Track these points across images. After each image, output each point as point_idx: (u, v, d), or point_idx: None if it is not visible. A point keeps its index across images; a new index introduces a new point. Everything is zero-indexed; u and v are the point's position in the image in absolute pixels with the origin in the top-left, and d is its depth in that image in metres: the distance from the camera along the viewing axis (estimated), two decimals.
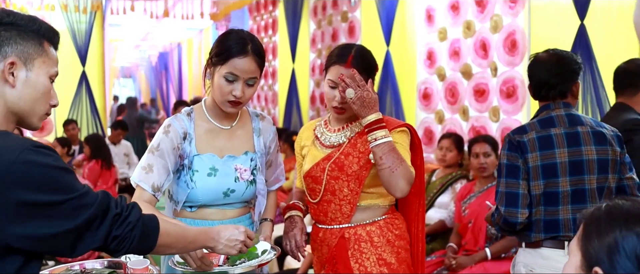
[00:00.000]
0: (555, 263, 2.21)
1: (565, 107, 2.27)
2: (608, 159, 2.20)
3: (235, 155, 1.99)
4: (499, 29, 3.98)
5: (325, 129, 2.16)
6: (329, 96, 2.05)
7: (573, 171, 2.20)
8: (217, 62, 1.89)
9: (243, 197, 2.01)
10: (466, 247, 3.55)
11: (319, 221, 2.13)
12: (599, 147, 2.20)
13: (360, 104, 1.94)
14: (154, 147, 1.90)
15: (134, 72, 20.37)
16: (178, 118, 1.96)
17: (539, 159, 2.22)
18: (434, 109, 4.65)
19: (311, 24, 6.73)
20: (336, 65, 2.01)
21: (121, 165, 6.84)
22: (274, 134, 2.13)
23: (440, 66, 4.54)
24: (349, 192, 2.05)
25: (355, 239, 2.05)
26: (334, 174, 2.05)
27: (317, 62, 6.61)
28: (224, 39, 1.92)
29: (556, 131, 2.23)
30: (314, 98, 6.77)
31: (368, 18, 5.47)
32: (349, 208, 2.06)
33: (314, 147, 2.15)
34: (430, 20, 4.62)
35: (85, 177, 5.82)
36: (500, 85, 3.98)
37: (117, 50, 14.70)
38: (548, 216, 2.24)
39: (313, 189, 2.11)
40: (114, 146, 6.90)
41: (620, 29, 3.17)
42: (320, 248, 2.13)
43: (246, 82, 1.88)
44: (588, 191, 2.20)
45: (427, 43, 4.66)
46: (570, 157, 2.20)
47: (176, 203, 1.96)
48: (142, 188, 1.85)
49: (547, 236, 2.24)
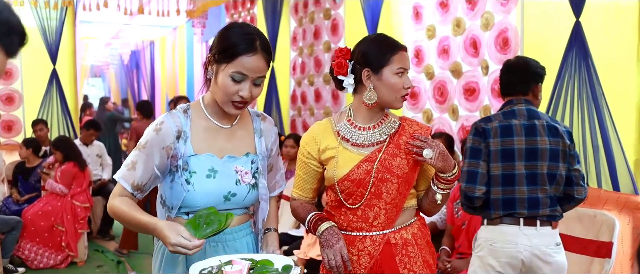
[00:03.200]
0: (511, 237, 2.60)
1: (525, 103, 2.67)
2: (559, 149, 2.57)
3: (235, 156, 1.83)
4: (490, 27, 3.90)
5: (353, 128, 1.99)
6: (398, 85, 1.91)
7: (528, 157, 2.58)
8: (222, 59, 1.73)
9: (244, 203, 1.84)
10: (460, 250, 3.47)
11: (355, 229, 1.95)
12: (552, 138, 2.58)
13: (442, 160, 1.86)
14: (141, 144, 1.76)
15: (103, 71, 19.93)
16: (173, 115, 1.80)
17: (499, 144, 2.61)
18: (422, 108, 4.56)
19: (292, 22, 6.59)
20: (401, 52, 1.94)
21: (94, 166, 6.60)
22: (275, 135, 1.97)
23: (429, 65, 4.44)
24: (397, 195, 1.92)
25: (402, 244, 1.94)
26: (381, 176, 1.91)
27: (299, 61, 6.48)
28: (227, 34, 1.75)
29: (516, 122, 2.62)
30: (294, 97, 6.63)
31: (352, 15, 5.35)
32: (394, 211, 1.93)
33: (344, 149, 1.97)
34: (417, 18, 4.52)
35: (58, 180, 5.60)
36: (492, 84, 3.90)
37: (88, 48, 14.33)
38: (505, 195, 2.61)
39: (352, 194, 1.94)
40: (86, 147, 6.66)
41: (617, 26, 3.12)
42: (357, 258, 1.94)
43: (254, 81, 1.74)
44: (540, 176, 2.58)
45: (415, 41, 4.56)
46: (526, 145, 2.58)
47: (170, 209, 1.79)
48: (122, 186, 1.73)
49: (505, 213, 2.61)
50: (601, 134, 3.17)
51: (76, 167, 5.64)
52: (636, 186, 3.04)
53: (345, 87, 1.97)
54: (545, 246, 2.58)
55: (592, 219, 3.09)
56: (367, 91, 1.92)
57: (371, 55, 1.92)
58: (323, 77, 5.99)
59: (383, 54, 1.92)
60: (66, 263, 5.54)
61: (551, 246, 2.60)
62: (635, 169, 3.05)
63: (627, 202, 3.04)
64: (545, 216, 2.60)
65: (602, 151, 3.17)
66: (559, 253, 2.62)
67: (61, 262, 5.51)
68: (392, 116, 2.03)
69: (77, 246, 5.58)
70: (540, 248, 2.57)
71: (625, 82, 3.08)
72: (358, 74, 1.94)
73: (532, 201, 2.59)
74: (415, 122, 2.02)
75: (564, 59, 3.32)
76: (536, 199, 2.58)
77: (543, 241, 2.58)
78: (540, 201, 2.58)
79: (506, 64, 2.81)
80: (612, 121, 3.12)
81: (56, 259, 5.48)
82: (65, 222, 5.55)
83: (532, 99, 2.69)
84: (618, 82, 3.11)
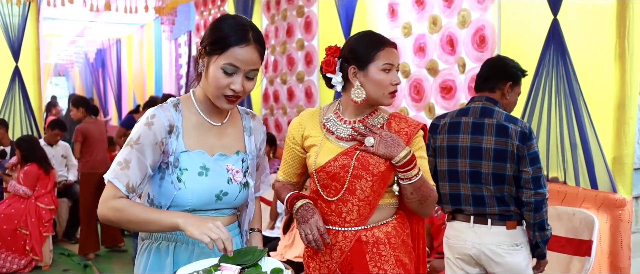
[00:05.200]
0: (461, 234, 2.68)
1: (486, 101, 2.66)
2: (506, 150, 2.54)
3: (226, 154, 1.76)
4: (467, 24, 3.87)
5: (340, 121, 1.98)
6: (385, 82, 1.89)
7: (472, 155, 2.61)
8: (213, 51, 1.65)
9: (235, 202, 1.78)
10: (439, 249, 3.43)
11: (329, 222, 1.95)
12: (498, 138, 2.56)
13: (384, 146, 1.85)
14: (132, 141, 1.65)
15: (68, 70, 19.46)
16: (164, 108, 1.71)
17: (445, 140, 2.70)
18: (398, 106, 4.52)
19: (264, 19, 6.49)
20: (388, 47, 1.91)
21: (59, 167, 6.41)
22: (264, 134, 1.92)
23: (405, 63, 4.40)
24: (372, 193, 1.90)
25: (373, 242, 1.92)
26: (356, 172, 1.89)
27: (271, 59, 6.39)
28: (219, 25, 1.68)
29: (466, 120, 2.66)
30: (266, 96, 6.54)
31: (326, 13, 5.28)
32: (368, 209, 1.92)
33: (326, 140, 1.97)
34: (393, 15, 4.48)
35: (21, 182, 5.40)
36: (469, 82, 3.87)
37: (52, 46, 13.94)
38: (452, 190, 2.70)
39: (327, 186, 1.94)
40: (51, 147, 6.46)
41: (594, 23, 3.12)
42: (329, 252, 1.95)
43: (246, 74, 1.67)
44: (484, 174, 2.60)
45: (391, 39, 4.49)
46: (472, 143, 2.61)
47: (159, 208, 1.70)
48: (116, 186, 1.61)
49: (454, 208, 2.70)
50: (579, 132, 3.16)
51: (40, 169, 5.45)
52: (614, 184, 3.03)
53: (335, 84, 1.97)
54: (496, 245, 2.60)
55: (570, 218, 3.08)
56: (355, 88, 1.90)
57: (357, 52, 1.91)
58: (296, 75, 5.91)
59: (369, 50, 1.90)
60: (30, 268, 5.34)
61: (503, 246, 2.60)
62: (613, 167, 3.05)
63: (605, 200, 3.04)
64: (497, 215, 2.61)
65: (580, 149, 3.17)
66: (513, 254, 2.61)
67: (25, 266, 5.31)
68: (382, 111, 2.00)
69: (41, 249, 5.39)
70: (489, 247, 2.61)
71: (603, 79, 3.08)
72: (345, 71, 1.93)
73: (477, 198, 2.63)
74: (405, 119, 1.98)
75: (541, 57, 3.31)
76: (481, 197, 2.62)
77: (494, 240, 2.61)
78: (485, 199, 2.61)
79: (485, 61, 2.85)
80: (590, 119, 3.11)
81: (20, 264, 5.28)
82: (30, 225, 5.35)
83: (499, 97, 2.68)
84: (596, 80, 3.11)
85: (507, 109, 2.72)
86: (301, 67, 5.84)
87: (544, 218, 2.57)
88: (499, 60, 2.79)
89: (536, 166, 2.54)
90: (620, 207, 2.99)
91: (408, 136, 1.92)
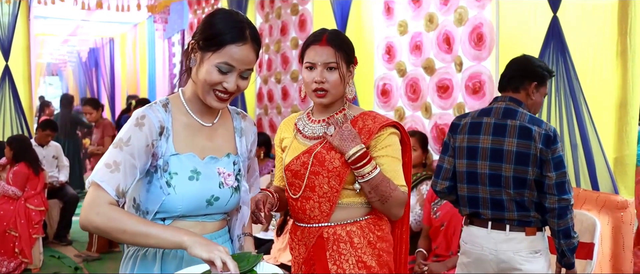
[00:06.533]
0: (478, 240, 2.58)
1: (509, 101, 2.55)
2: (529, 153, 2.43)
3: (217, 157, 1.68)
4: (464, 22, 3.80)
5: (308, 121, 2.06)
6: (307, 80, 1.94)
7: (494, 157, 2.50)
8: (207, 47, 1.57)
9: (226, 207, 1.70)
10: (437, 251, 3.36)
11: (298, 218, 2.02)
12: (521, 141, 2.45)
13: (339, 138, 1.88)
14: (122, 142, 1.54)
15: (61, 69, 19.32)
16: (154, 108, 1.61)
17: (465, 141, 2.59)
18: (394, 106, 4.44)
19: (258, 18, 6.40)
20: (311, 46, 1.94)
21: (50, 168, 6.30)
22: (255, 135, 1.85)
23: (401, 61, 4.32)
24: (329, 189, 1.91)
25: (334, 240, 1.94)
26: (314, 169, 1.94)
27: (265, 58, 6.30)
28: (214, 20, 1.60)
29: (488, 120, 2.56)
30: (260, 95, 6.45)
31: (321, 11, 5.20)
32: (328, 205, 1.92)
33: (295, 140, 2.04)
34: (389, 13, 4.40)
35: (10, 182, 5.30)
36: (466, 81, 3.80)
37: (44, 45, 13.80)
38: (470, 192, 2.60)
39: (292, 184, 2.00)
40: (42, 147, 6.35)
41: (595, 21, 3.05)
42: (298, 247, 2.03)
43: (241, 74, 1.59)
44: (504, 178, 2.49)
45: (386, 37, 4.43)
46: (492, 145, 2.51)
47: (145, 214, 1.61)
48: (104, 190, 1.49)
49: (472, 211, 2.60)
50: (579, 132, 3.09)
51: (29, 169, 5.35)
52: (616, 185, 2.97)
53: None
54: (514, 252, 2.50)
55: None
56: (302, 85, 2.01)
57: (300, 51, 2.00)
58: (290, 74, 5.83)
59: (302, 49, 1.98)
60: (20, 270, 5.23)
61: (522, 253, 2.50)
62: (614, 167, 2.98)
63: (606, 201, 2.97)
64: (515, 221, 2.50)
65: (580, 149, 3.10)
66: (532, 262, 2.50)
67: (14, 269, 5.20)
68: (352, 110, 2.01)
69: (31, 252, 5.28)
70: (507, 253, 2.50)
71: (604, 78, 3.01)
72: None
73: (496, 202, 2.53)
74: (374, 117, 1.97)
75: (541, 56, 3.23)
76: (500, 201, 2.52)
77: (512, 246, 2.50)
78: (504, 204, 2.51)
79: (510, 60, 2.72)
80: (590, 118, 3.05)
81: (9, 267, 5.17)
82: (19, 227, 5.24)
83: (524, 98, 2.57)
84: (597, 79, 3.04)
85: (532, 110, 2.59)
86: (296, 66, 5.76)
87: (569, 225, 2.45)
88: (525, 60, 2.66)
89: (560, 171, 2.42)
90: (622, 209, 2.92)
91: (370, 133, 1.92)
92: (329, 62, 1.91)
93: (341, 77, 1.92)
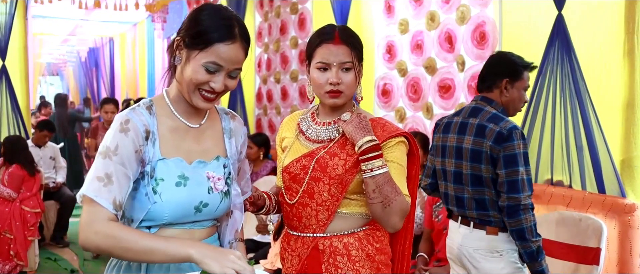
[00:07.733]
0: (450, 233, 2.69)
1: (481, 101, 2.58)
2: (481, 151, 2.46)
3: (205, 161, 1.58)
4: (466, 21, 3.71)
5: (312, 122, 1.90)
6: (320, 81, 1.78)
7: (456, 155, 2.57)
8: (193, 45, 1.48)
9: (216, 213, 1.60)
10: (438, 255, 3.27)
11: (291, 226, 1.87)
12: (475, 138, 2.49)
13: (354, 125, 1.74)
14: (110, 151, 1.44)
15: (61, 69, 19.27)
16: (137, 112, 1.51)
17: (440, 140, 2.68)
18: (394, 106, 4.35)
19: (257, 17, 6.33)
20: (323, 45, 1.77)
21: (47, 169, 6.24)
22: (245, 136, 1.75)
23: (402, 61, 4.24)
24: (329, 197, 1.78)
25: (330, 252, 1.80)
26: (315, 174, 1.79)
27: (264, 57, 6.22)
28: (201, 16, 1.50)
29: (457, 119, 2.62)
30: (260, 95, 6.37)
31: (320, 9, 5.13)
32: (326, 215, 1.79)
33: (297, 141, 1.90)
34: (389, 12, 4.31)
35: (5, 184, 5.22)
36: (469, 80, 3.71)
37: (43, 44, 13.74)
38: (444, 189, 2.69)
39: (290, 188, 1.85)
40: (39, 148, 6.28)
41: (601, 19, 2.97)
42: (290, 258, 1.88)
43: (229, 73, 1.51)
44: (463, 175, 2.55)
45: (387, 36, 4.35)
46: (456, 143, 2.57)
47: (129, 222, 1.52)
48: (99, 204, 1.39)
49: (447, 207, 2.71)
50: (585, 133, 3.00)
51: (24, 170, 5.27)
52: (623, 188, 2.88)
53: None
54: (474, 249, 2.54)
55: (577, 223, 2.92)
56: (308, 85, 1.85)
57: (308, 49, 1.83)
58: (290, 74, 5.75)
59: (311, 46, 1.82)
60: (15, 273, 5.15)
61: (481, 251, 2.51)
62: (621, 170, 2.89)
63: (613, 205, 2.88)
64: (477, 219, 2.54)
65: (586, 151, 3.01)
66: (490, 261, 2.48)
67: (9, 272, 5.12)
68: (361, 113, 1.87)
69: (26, 254, 5.19)
70: (467, 249, 2.57)
71: (610, 78, 2.93)
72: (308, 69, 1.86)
73: (459, 200, 2.60)
74: (383, 125, 1.82)
75: (545, 54, 3.15)
76: (461, 199, 2.59)
77: (473, 244, 2.55)
78: (464, 201, 2.57)
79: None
80: (597, 119, 2.96)
81: (4, 269, 5.10)
82: (14, 229, 5.15)
83: (497, 96, 2.56)
84: (603, 78, 2.96)
85: (511, 106, 2.57)
86: (295, 65, 5.68)
87: (523, 226, 2.36)
88: (497, 57, 2.66)
89: (511, 169, 2.37)
90: (630, 212, 2.83)
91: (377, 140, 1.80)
92: (345, 62, 1.76)
93: (356, 77, 1.80)
